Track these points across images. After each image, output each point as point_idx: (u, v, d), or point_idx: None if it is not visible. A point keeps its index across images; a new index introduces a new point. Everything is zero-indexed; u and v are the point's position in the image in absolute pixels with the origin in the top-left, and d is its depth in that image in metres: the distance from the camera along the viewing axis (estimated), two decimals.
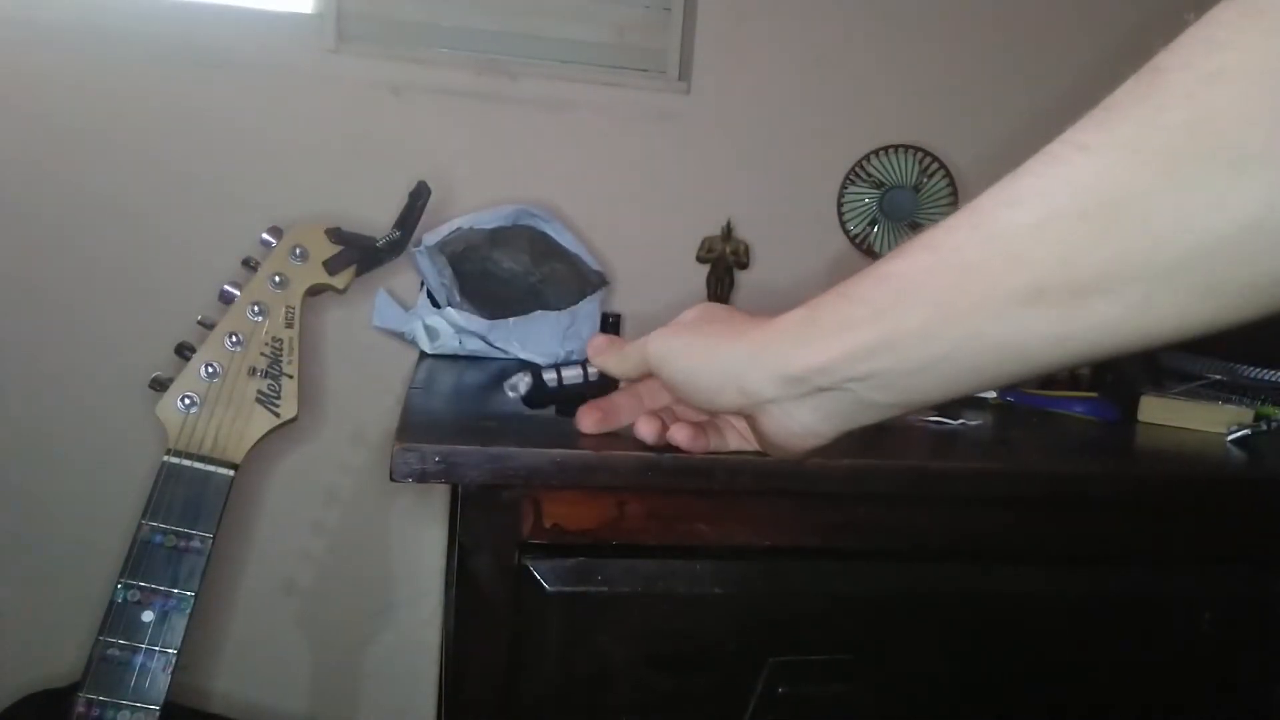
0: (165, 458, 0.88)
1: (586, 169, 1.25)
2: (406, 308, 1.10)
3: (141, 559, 0.86)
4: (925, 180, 1.23)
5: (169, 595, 0.86)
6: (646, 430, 0.59)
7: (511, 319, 1.01)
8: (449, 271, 1.04)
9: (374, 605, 1.28)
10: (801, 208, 1.28)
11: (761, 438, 0.53)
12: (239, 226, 1.02)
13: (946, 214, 1.10)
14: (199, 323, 0.91)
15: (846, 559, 0.74)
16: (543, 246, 1.12)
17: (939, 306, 0.38)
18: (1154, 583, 0.79)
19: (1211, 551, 0.81)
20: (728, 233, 1.15)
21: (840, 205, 1.21)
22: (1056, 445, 0.89)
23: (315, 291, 0.96)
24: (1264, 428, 0.90)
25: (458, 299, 1.03)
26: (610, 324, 1.11)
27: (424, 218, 1.02)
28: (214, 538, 0.87)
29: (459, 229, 1.07)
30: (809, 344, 0.45)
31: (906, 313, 0.40)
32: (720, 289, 1.15)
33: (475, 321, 1.00)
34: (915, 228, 1.11)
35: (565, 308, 1.06)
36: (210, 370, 0.90)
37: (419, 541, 1.27)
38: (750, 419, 0.52)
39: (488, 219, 1.09)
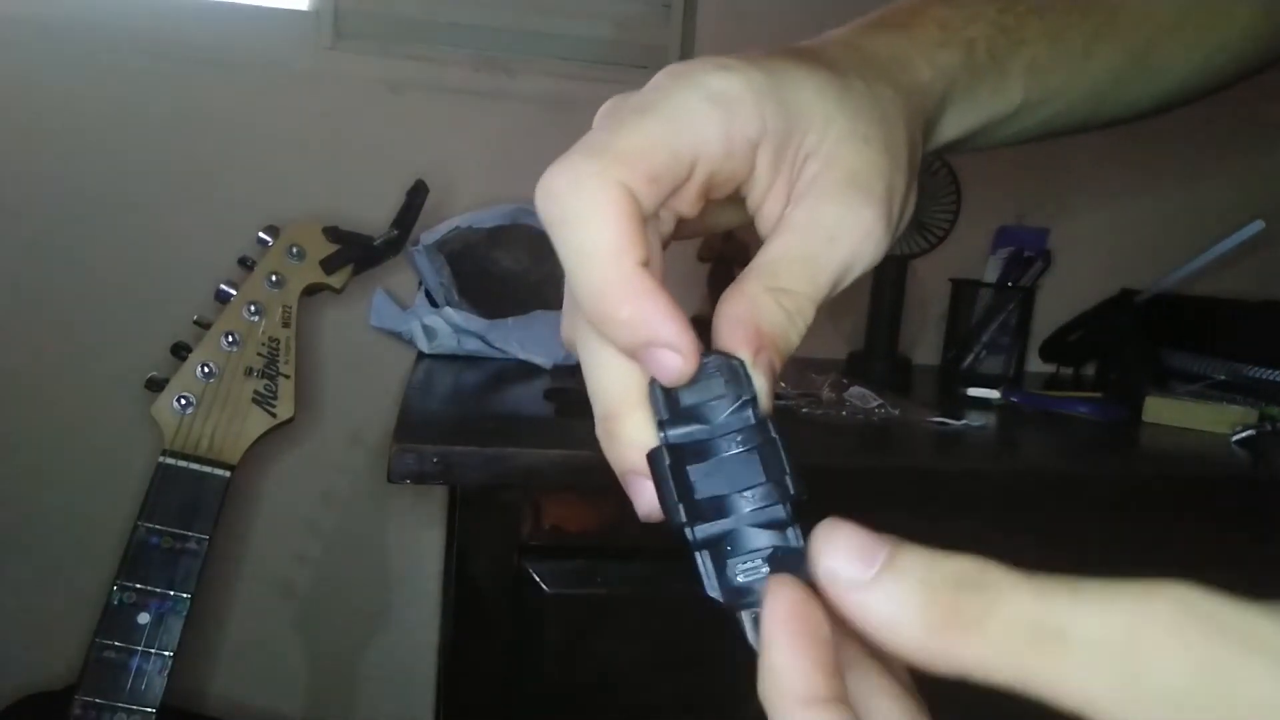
0: (161, 458, 0.88)
1: None
2: (404, 307, 1.09)
3: (138, 560, 0.85)
4: (928, 178, 1.22)
5: (165, 597, 0.85)
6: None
7: (510, 319, 1.01)
8: (447, 271, 1.03)
9: (371, 607, 1.27)
10: None
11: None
12: (235, 225, 1.01)
13: (949, 213, 1.09)
14: (195, 322, 0.91)
15: None
16: (542, 245, 1.11)
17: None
18: None
19: (1217, 552, 0.80)
20: (728, 232, 1.14)
21: None
22: (1061, 446, 0.88)
23: (312, 291, 0.95)
24: (1269, 428, 0.89)
25: (456, 298, 1.02)
26: None
27: (422, 216, 1.01)
28: (210, 539, 0.87)
29: (457, 228, 1.07)
30: (977, 98, 0.34)
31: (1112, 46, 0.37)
32: (721, 289, 1.14)
33: (474, 321, 0.99)
34: (920, 227, 1.10)
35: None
36: (206, 370, 0.89)
37: (417, 543, 1.26)
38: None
39: (486, 218, 1.08)
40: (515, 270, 1.10)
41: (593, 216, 0.24)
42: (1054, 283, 1.22)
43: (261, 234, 0.93)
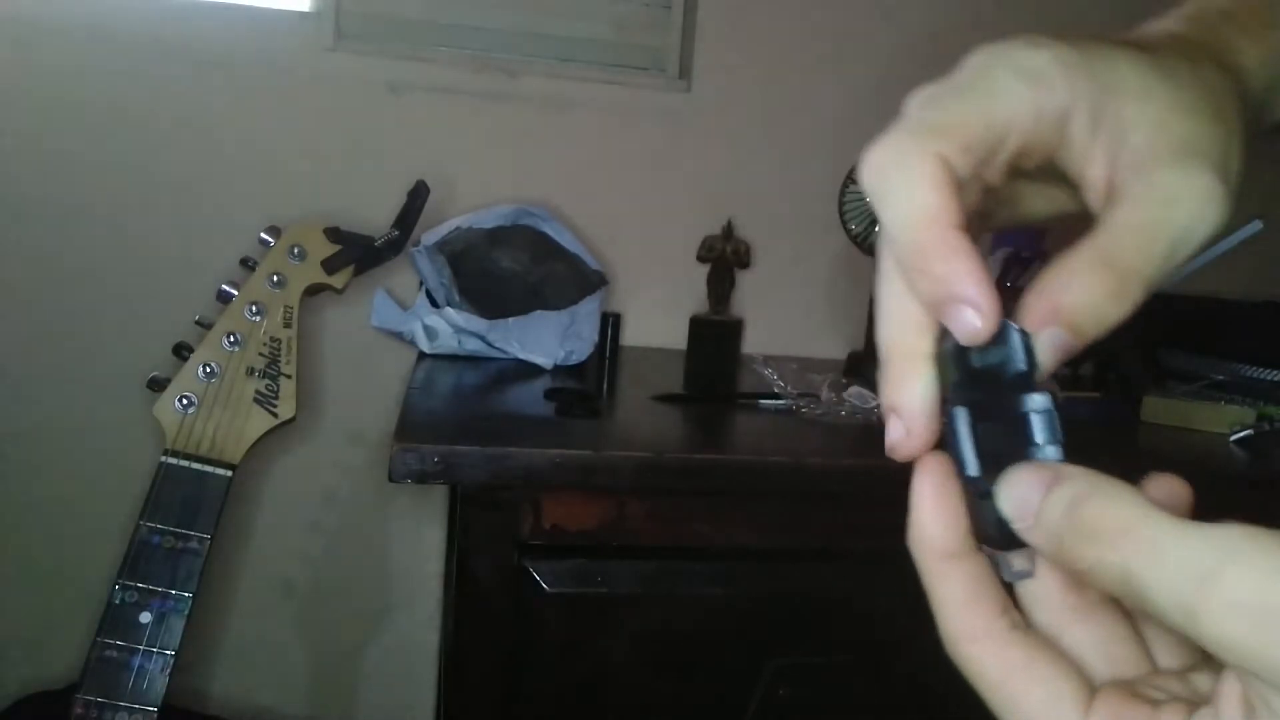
0: (163, 458, 0.88)
1: (586, 168, 1.24)
2: (405, 307, 1.09)
3: (139, 560, 0.85)
4: None
5: (167, 596, 0.85)
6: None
7: (511, 319, 1.01)
8: (448, 271, 1.03)
9: (372, 606, 1.27)
10: (802, 207, 1.28)
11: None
12: (237, 226, 1.01)
13: None
14: (197, 323, 0.91)
15: (847, 560, 0.74)
16: (542, 246, 1.11)
17: None
18: None
19: None
20: (728, 232, 1.14)
21: (841, 204, 1.21)
22: None
23: (313, 291, 0.95)
24: (1267, 428, 0.89)
25: (457, 299, 1.02)
26: (610, 324, 1.10)
27: (423, 217, 1.02)
28: (212, 538, 0.87)
29: (458, 228, 1.07)
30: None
31: None
32: (721, 289, 1.14)
33: (474, 321, 1.00)
34: None
35: (565, 307, 1.05)
36: (208, 370, 0.89)
37: (418, 542, 1.27)
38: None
39: (487, 218, 1.09)
40: (515, 270, 1.10)
41: (914, 186, 0.26)
42: None
43: (263, 234, 0.93)
